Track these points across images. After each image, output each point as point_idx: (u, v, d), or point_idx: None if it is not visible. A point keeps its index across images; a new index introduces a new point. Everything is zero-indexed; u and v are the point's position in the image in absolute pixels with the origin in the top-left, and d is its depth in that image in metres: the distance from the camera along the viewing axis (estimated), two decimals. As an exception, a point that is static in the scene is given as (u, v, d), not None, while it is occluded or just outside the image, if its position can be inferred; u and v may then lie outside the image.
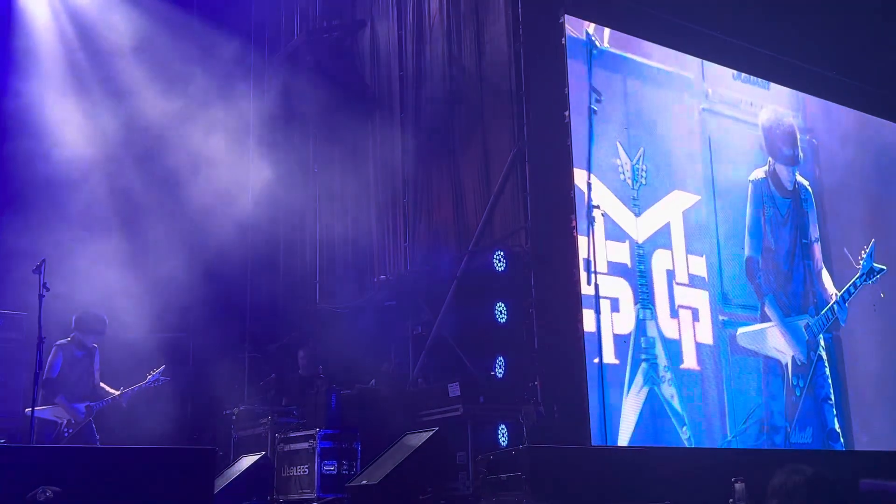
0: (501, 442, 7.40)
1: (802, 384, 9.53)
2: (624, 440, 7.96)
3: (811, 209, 10.31)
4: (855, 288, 10.36)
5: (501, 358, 7.85)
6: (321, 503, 7.39)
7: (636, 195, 8.75)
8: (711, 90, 9.77)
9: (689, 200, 9.21)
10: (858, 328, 10.35)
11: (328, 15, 10.40)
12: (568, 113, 8.30)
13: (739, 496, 4.67)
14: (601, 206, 8.14)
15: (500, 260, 8.00)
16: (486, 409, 7.50)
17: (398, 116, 9.82)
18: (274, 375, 9.44)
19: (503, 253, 8.04)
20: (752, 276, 9.49)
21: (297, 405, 8.81)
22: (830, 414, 9.70)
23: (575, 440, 7.34)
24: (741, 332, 9.21)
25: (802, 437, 9.33)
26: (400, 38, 9.96)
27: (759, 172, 9.92)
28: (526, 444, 6.91)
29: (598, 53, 8.81)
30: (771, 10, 9.83)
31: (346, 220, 10.33)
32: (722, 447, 8.62)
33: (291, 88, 9.98)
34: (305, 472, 7.68)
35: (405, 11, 9.95)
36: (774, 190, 10.01)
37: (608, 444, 7.71)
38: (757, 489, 3.89)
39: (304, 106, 9.86)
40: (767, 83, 10.32)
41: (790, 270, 9.87)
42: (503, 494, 6.39)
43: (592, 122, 8.58)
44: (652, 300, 8.55)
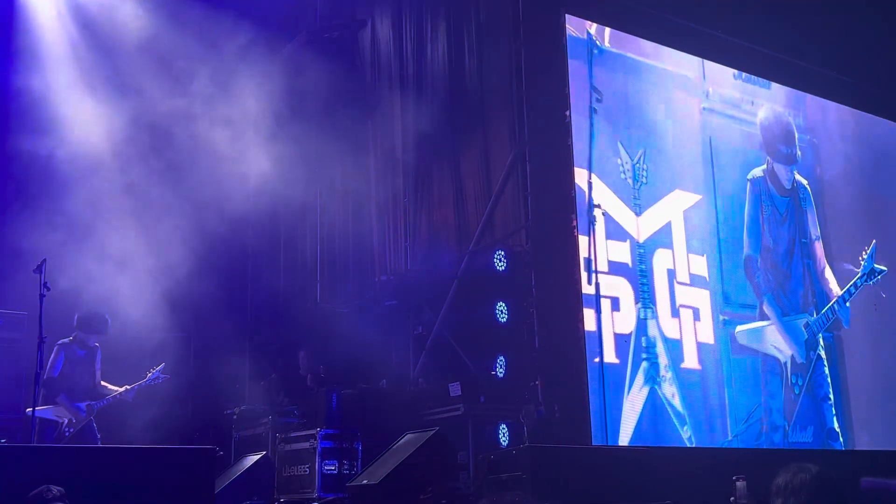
0: (502, 441, 7.41)
1: (801, 383, 9.53)
2: (625, 440, 7.97)
3: (810, 208, 10.31)
4: (856, 288, 10.36)
5: (502, 357, 7.86)
6: (322, 503, 7.39)
7: (637, 194, 8.75)
8: (712, 89, 9.77)
9: (689, 200, 9.21)
10: (858, 327, 10.35)
11: (329, 14, 10.39)
12: (569, 112, 8.31)
13: (741, 494, 4.67)
14: (602, 205, 8.14)
15: (500, 259, 8.00)
16: (486, 408, 7.51)
17: (398, 116, 9.82)
18: (275, 375, 9.44)
19: (504, 252, 8.04)
20: (750, 274, 9.49)
21: (297, 405, 8.82)
22: (830, 413, 9.71)
23: (576, 440, 7.35)
24: (739, 329, 9.21)
25: (802, 435, 9.34)
26: (400, 37, 9.96)
27: (757, 171, 9.92)
28: (527, 443, 6.92)
29: (598, 53, 8.82)
30: (771, 9, 9.83)
31: (346, 219, 10.33)
32: (722, 446, 8.62)
33: (292, 88, 9.96)
34: (306, 471, 7.68)
35: (406, 11, 9.94)
36: (773, 188, 10.01)
37: (609, 443, 7.72)
38: (758, 488, 3.90)
39: (305, 105, 9.85)
40: (768, 82, 10.32)
41: (789, 269, 9.88)
42: (504, 494, 6.39)
43: (593, 121, 8.59)
44: (653, 299, 8.55)
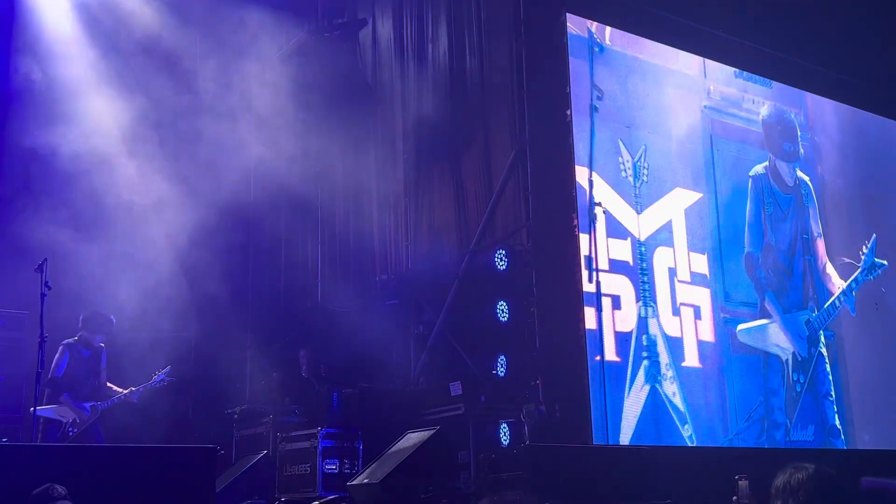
0: (503, 441, 7.41)
1: (803, 380, 9.53)
2: (626, 439, 7.96)
3: (812, 205, 10.30)
4: (857, 283, 10.35)
5: (503, 357, 7.86)
6: (323, 502, 7.39)
7: (638, 192, 8.74)
8: (713, 88, 9.76)
9: (690, 198, 9.20)
10: (859, 325, 10.35)
11: (330, 13, 10.37)
12: (569, 111, 8.30)
13: (743, 494, 4.66)
14: (603, 203, 8.13)
15: (501, 259, 8.00)
16: (487, 407, 7.51)
17: (399, 115, 9.81)
18: (276, 374, 9.44)
19: (505, 251, 8.04)
20: (752, 271, 9.48)
21: (298, 404, 8.82)
22: (831, 410, 9.70)
23: (576, 439, 7.35)
24: (741, 328, 9.20)
25: (803, 434, 9.34)
26: (401, 36, 9.95)
27: (759, 168, 9.91)
28: (527, 442, 6.92)
29: (599, 51, 8.81)
30: (772, 7, 9.81)
31: (347, 218, 10.32)
32: (723, 445, 8.62)
33: (293, 87, 9.96)
34: (307, 470, 7.68)
35: (407, 9, 9.93)
36: (774, 186, 10.00)
37: (610, 442, 7.72)
38: (760, 487, 3.89)
39: (306, 104, 9.84)
40: (769, 81, 10.31)
41: (790, 266, 9.87)
42: (505, 493, 6.38)
43: (594, 119, 8.58)
44: (654, 298, 8.55)
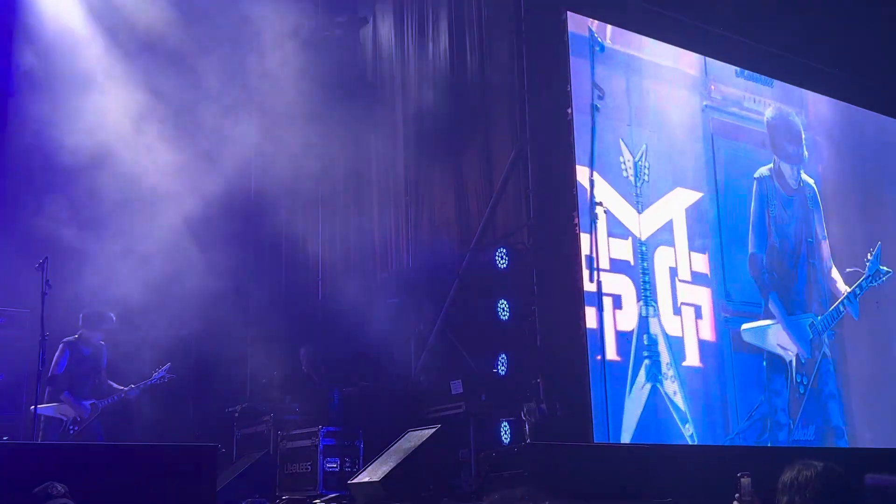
0: (504, 439, 7.41)
1: (806, 381, 9.51)
2: (626, 437, 7.96)
3: (817, 207, 10.29)
4: (861, 290, 10.34)
5: (504, 355, 7.85)
6: (324, 500, 7.39)
7: (639, 192, 8.73)
8: (714, 87, 9.74)
9: (691, 197, 9.19)
10: (862, 326, 10.33)
11: (330, 11, 10.38)
12: (570, 110, 8.29)
13: (745, 492, 4.62)
14: (604, 202, 8.13)
15: (502, 257, 7.99)
16: (488, 406, 7.50)
17: (400, 113, 9.81)
18: (276, 373, 9.44)
19: (505, 250, 8.03)
20: (756, 273, 9.47)
21: (299, 402, 8.82)
22: (834, 411, 9.69)
23: (577, 437, 7.34)
24: (745, 328, 9.19)
25: (805, 433, 9.32)
26: (402, 34, 9.95)
27: (763, 170, 9.90)
28: (528, 441, 6.92)
29: (600, 50, 8.80)
30: (774, 6, 9.80)
31: (348, 217, 10.32)
32: (724, 444, 8.61)
33: (293, 85, 9.96)
34: (308, 469, 7.68)
35: (407, 8, 9.93)
36: (779, 188, 9.98)
37: (611, 441, 7.71)
38: (761, 486, 3.88)
39: (306, 102, 9.84)
40: (771, 80, 10.29)
41: (795, 269, 9.85)
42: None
43: (595, 119, 8.57)
44: (654, 297, 8.54)
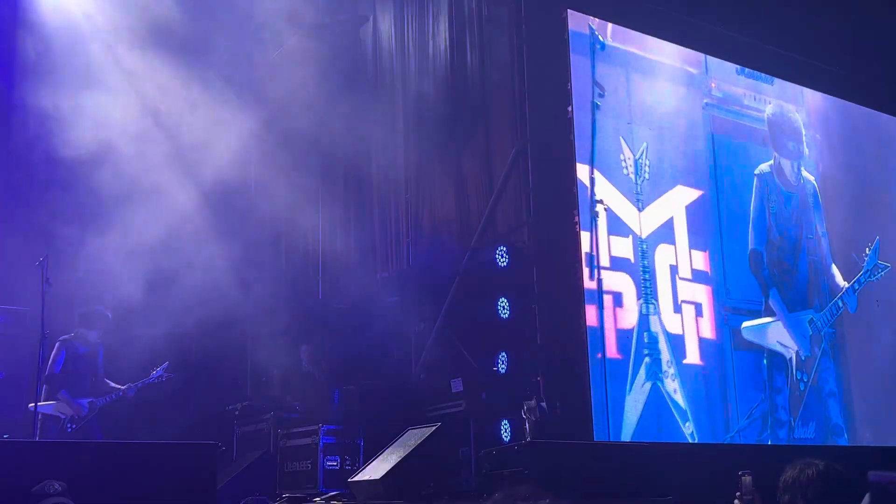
0: (504, 437, 7.40)
1: (806, 379, 9.51)
2: (627, 435, 7.95)
3: (817, 204, 10.28)
4: (859, 284, 10.33)
5: (504, 353, 7.84)
6: (324, 499, 7.39)
7: (639, 190, 8.73)
8: (715, 85, 9.73)
9: (692, 195, 9.18)
10: (862, 323, 10.33)
11: (331, 9, 10.36)
12: (571, 108, 8.28)
13: (747, 489, 4.61)
14: (604, 200, 8.12)
15: (502, 255, 7.98)
16: (488, 404, 7.50)
17: (400, 111, 9.79)
18: (276, 371, 9.44)
19: (506, 248, 8.02)
20: (756, 269, 9.47)
21: (299, 401, 8.81)
22: (834, 409, 9.69)
23: (578, 435, 7.33)
24: (745, 325, 9.18)
25: (805, 431, 9.32)
26: (402, 32, 9.93)
27: (764, 167, 9.89)
28: (528, 439, 6.91)
29: (601, 48, 8.78)
30: (775, 4, 9.79)
31: (348, 215, 10.31)
32: (725, 442, 8.60)
33: (292, 84, 9.95)
34: (308, 467, 7.68)
35: (408, 6, 9.91)
36: (780, 184, 9.98)
37: (611, 439, 7.71)
38: (762, 484, 3.88)
39: (304, 102, 9.83)
40: (771, 78, 10.28)
41: (795, 265, 9.85)
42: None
43: (595, 117, 8.56)
44: (655, 295, 8.53)
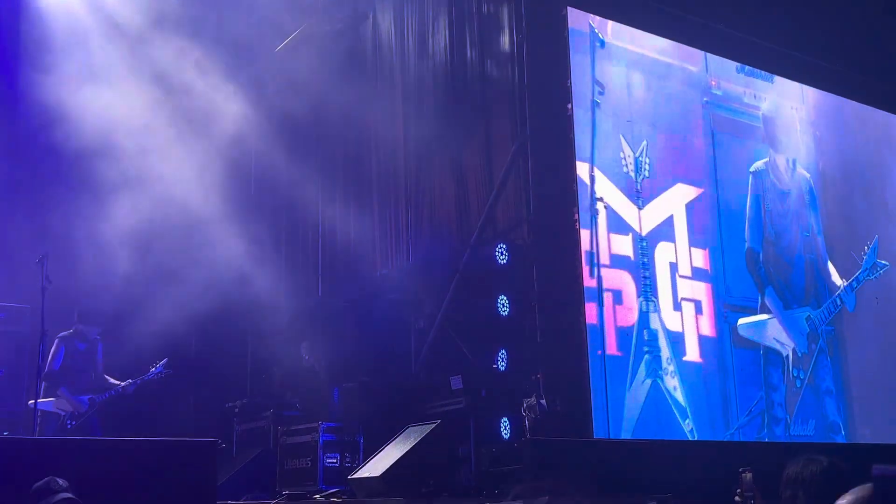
0: (504, 435, 7.41)
1: (803, 376, 9.53)
2: (627, 433, 7.96)
3: (813, 201, 10.30)
4: (857, 283, 10.35)
5: (504, 351, 7.84)
6: (324, 496, 7.40)
7: (639, 188, 8.73)
8: (715, 82, 9.73)
9: (691, 193, 9.19)
10: (860, 320, 10.34)
11: (331, 7, 10.35)
12: (570, 106, 8.28)
13: (748, 487, 4.61)
14: (604, 198, 8.13)
15: (502, 253, 7.98)
16: (488, 401, 7.50)
17: (400, 109, 9.78)
18: (276, 368, 9.44)
19: (505, 246, 8.02)
20: (752, 267, 9.48)
21: (299, 398, 8.82)
22: (832, 406, 9.70)
23: (577, 433, 7.35)
24: (741, 322, 9.19)
25: (804, 429, 9.33)
26: (402, 30, 9.92)
27: (759, 164, 9.90)
28: (528, 436, 6.92)
29: (600, 46, 8.78)
30: (775, 1, 9.78)
31: (348, 212, 10.31)
32: (724, 440, 8.62)
33: (292, 82, 9.93)
34: (308, 464, 7.69)
35: (407, 4, 9.90)
36: (775, 181, 9.98)
37: (611, 436, 7.71)
38: (763, 481, 3.89)
39: (305, 98, 9.82)
40: (770, 75, 10.28)
41: (791, 262, 9.86)
42: (505, 487, 6.39)
43: (595, 114, 8.56)
44: (655, 293, 8.54)
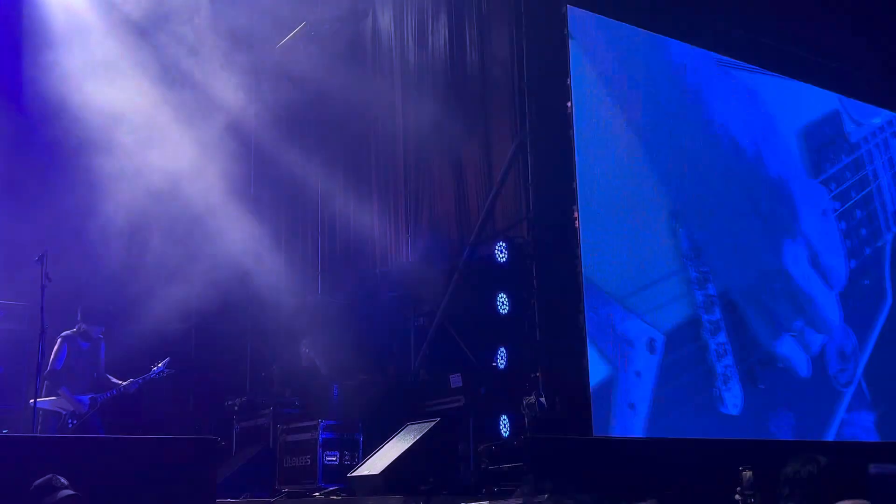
0: (503, 433, 7.41)
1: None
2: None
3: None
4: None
5: (503, 349, 7.85)
6: (323, 493, 7.41)
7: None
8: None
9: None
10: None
11: (330, 4, 10.35)
12: (570, 104, 8.27)
13: (747, 485, 4.62)
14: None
15: (501, 251, 7.98)
16: (487, 399, 7.51)
17: (399, 107, 9.79)
18: (276, 366, 9.45)
19: (505, 244, 8.02)
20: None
21: (298, 396, 8.83)
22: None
23: (576, 431, 7.35)
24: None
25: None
26: (401, 28, 9.93)
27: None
28: (527, 434, 6.92)
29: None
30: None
31: (347, 210, 10.32)
32: (724, 438, 8.60)
33: (292, 79, 9.95)
34: (307, 462, 7.70)
35: (407, 2, 9.91)
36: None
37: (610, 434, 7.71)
38: (762, 480, 3.90)
39: (304, 96, 9.83)
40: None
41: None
42: (505, 485, 6.40)
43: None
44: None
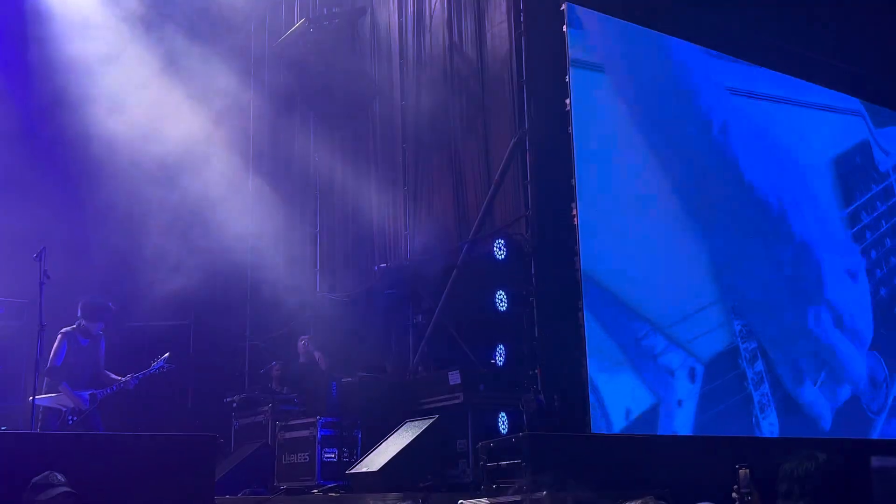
0: (501, 429, 7.42)
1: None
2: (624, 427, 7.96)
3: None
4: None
5: (502, 346, 7.86)
6: (322, 490, 7.42)
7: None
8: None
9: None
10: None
11: (329, 2, 10.35)
12: (569, 101, 8.27)
13: (744, 482, 4.62)
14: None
15: (500, 248, 7.99)
16: (486, 396, 7.51)
17: (398, 104, 9.79)
18: (274, 363, 9.46)
19: (504, 241, 8.03)
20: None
21: (297, 393, 8.83)
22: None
23: (575, 428, 7.36)
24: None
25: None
26: (400, 25, 9.93)
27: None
28: (526, 431, 6.93)
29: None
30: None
31: (346, 208, 10.32)
32: (723, 435, 8.61)
33: (292, 77, 9.94)
34: (306, 459, 7.71)
35: (406, 0, 9.91)
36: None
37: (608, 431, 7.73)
38: (759, 477, 3.91)
39: (304, 94, 9.83)
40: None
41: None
42: (503, 481, 6.40)
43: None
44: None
